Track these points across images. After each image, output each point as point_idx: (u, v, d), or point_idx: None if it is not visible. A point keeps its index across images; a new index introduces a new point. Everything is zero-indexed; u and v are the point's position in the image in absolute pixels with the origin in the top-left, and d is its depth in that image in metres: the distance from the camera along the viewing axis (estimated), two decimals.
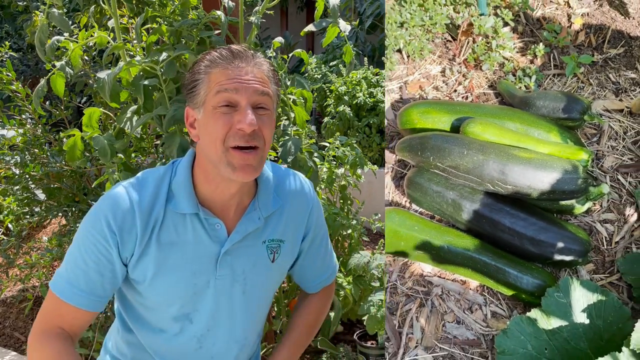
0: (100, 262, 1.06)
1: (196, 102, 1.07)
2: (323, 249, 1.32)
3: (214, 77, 1.04)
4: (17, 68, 5.32)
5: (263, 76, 1.06)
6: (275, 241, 1.18)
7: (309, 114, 1.78)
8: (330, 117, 4.13)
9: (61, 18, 1.72)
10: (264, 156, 1.07)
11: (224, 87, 1.02)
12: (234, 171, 1.03)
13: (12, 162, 2.47)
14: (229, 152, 1.02)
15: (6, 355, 2.30)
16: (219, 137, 1.02)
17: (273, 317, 2.10)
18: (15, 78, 2.35)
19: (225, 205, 1.12)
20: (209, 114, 1.04)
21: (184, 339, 1.17)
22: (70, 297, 1.06)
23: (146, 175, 1.13)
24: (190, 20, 1.64)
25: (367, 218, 2.53)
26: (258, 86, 1.04)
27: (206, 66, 1.05)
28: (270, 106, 1.07)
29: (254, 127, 1.01)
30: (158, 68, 1.54)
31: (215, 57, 1.05)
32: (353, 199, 2.47)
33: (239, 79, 1.03)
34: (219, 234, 1.12)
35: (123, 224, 1.05)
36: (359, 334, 1.70)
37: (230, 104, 1.02)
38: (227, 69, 1.03)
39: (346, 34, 1.67)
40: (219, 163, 1.04)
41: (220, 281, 1.13)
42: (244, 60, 1.05)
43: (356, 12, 5.55)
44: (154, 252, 1.08)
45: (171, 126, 1.54)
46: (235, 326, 1.19)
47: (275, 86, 1.10)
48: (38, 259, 2.36)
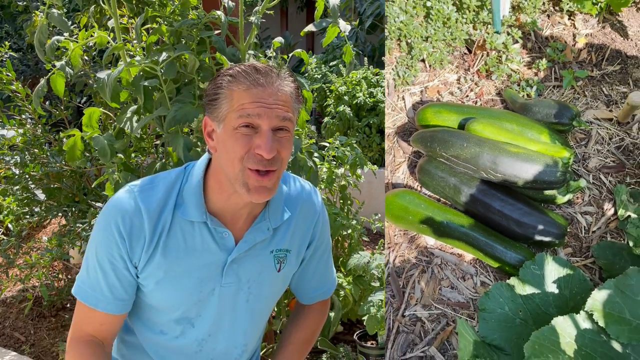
0: (116, 268, 1.07)
1: (216, 115, 1.05)
2: (324, 261, 1.31)
3: (237, 95, 1.02)
4: (17, 68, 5.32)
5: (287, 98, 1.04)
6: (282, 251, 1.18)
7: (309, 114, 1.78)
8: (330, 117, 4.13)
9: (61, 18, 1.71)
10: (280, 176, 1.07)
11: (247, 110, 1.00)
12: (248, 192, 1.03)
13: (12, 162, 2.47)
14: (245, 172, 1.02)
15: (6, 355, 2.30)
16: (237, 157, 1.01)
17: (273, 317, 2.10)
18: (15, 78, 2.35)
19: (235, 214, 1.12)
20: (229, 132, 1.02)
21: (184, 342, 1.17)
22: (95, 302, 1.08)
23: (158, 180, 1.12)
24: (190, 20, 1.64)
25: (367, 218, 2.53)
26: (280, 111, 1.02)
27: (229, 82, 1.03)
28: (290, 127, 1.05)
29: (273, 154, 1.00)
30: (158, 68, 1.54)
31: (239, 72, 1.03)
32: (353, 199, 2.47)
33: (262, 103, 1.01)
34: (227, 243, 1.11)
35: (132, 230, 1.05)
36: (359, 334, 1.70)
37: (251, 125, 1.01)
38: (250, 90, 1.01)
39: (346, 34, 1.67)
40: (235, 181, 1.03)
41: (225, 289, 1.13)
42: (268, 81, 1.03)
43: (356, 12, 5.55)
44: (161, 258, 1.08)
45: (172, 126, 1.54)
46: (236, 332, 1.19)
47: (297, 104, 1.09)
48: (38, 259, 2.36)
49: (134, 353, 1.22)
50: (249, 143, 1.01)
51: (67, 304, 2.80)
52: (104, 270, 1.07)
